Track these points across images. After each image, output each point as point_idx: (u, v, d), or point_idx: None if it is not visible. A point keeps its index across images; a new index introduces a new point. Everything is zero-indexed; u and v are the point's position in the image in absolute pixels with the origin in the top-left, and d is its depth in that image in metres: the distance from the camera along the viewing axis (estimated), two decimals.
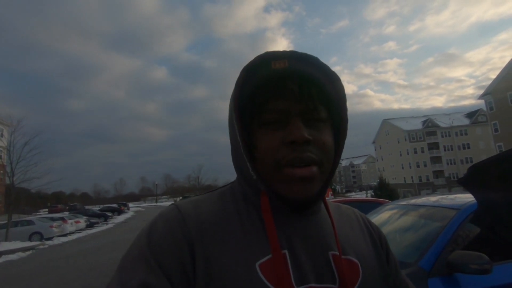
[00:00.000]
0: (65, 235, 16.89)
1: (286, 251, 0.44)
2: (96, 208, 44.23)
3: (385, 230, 2.76)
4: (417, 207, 2.76)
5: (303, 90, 0.45)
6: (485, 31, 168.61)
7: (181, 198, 62.71)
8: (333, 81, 0.48)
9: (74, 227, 18.79)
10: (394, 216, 2.83)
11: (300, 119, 0.44)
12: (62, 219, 18.01)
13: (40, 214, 30.50)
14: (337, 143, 0.50)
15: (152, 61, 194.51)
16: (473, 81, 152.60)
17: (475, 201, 2.18)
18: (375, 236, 0.57)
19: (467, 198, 2.33)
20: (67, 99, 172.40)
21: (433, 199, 2.84)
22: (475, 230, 2.04)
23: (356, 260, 0.49)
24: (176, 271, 0.41)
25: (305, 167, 0.43)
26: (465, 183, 0.74)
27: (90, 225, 22.38)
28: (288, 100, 0.44)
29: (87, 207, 45.84)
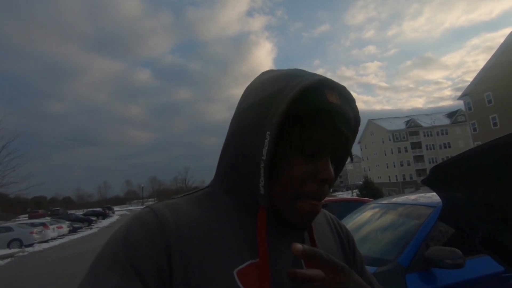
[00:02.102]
0: (46, 241, 16.30)
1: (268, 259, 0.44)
2: (79, 212, 43.00)
3: (367, 228, 2.83)
4: (397, 205, 2.85)
5: (345, 130, 0.46)
6: (458, 36, 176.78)
7: None
8: (358, 124, 0.50)
9: (56, 232, 18.17)
10: (376, 215, 2.91)
11: (329, 156, 0.46)
12: (43, 224, 17.39)
13: (19, 220, 29.30)
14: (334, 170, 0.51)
15: (135, 63, 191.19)
16: (450, 83, 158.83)
17: None
18: (343, 236, 0.60)
19: None
20: (47, 102, 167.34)
21: (412, 197, 2.94)
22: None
23: None
24: (153, 277, 0.40)
25: (319, 202, 0.46)
26: (429, 183, 0.78)
27: (73, 230, 21.72)
28: (331, 136, 0.45)
29: (70, 211, 44.51)
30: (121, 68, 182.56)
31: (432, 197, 2.57)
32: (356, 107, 0.49)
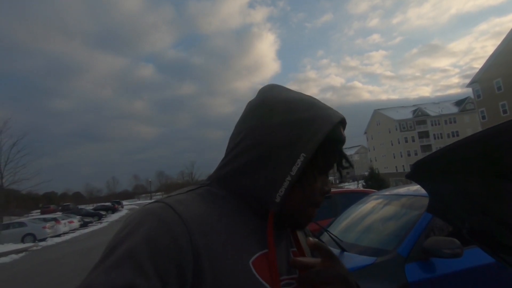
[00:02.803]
0: (58, 235, 16.78)
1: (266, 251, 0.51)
2: (89, 207, 43.82)
3: (368, 219, 2.86)
4: (398, 196, 2.87)
5: (347, 156, 0.59)
6: (465, 22, 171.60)
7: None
8: None
9: (67, 227, 18.65)
10: (377, 206, 2.94)
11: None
12: (55, 219, 17.83)
13: (32, 216, 30.11)
14: None
15: (138, 59, 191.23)
16: (457, 70, 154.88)
17: None
18: (306, 230, 0.69)
19: None
20: (53, 99, 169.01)
21: (413, 188, 2.95)
22: None
23: (305, 253, 0.59)
24: (173, 274, 0.40)
25: (317, 208, 0.56)
26: (413, 177, 0.81)
27: (84, 225, 22.22)
28: (337, 162, 0.58)
29: (80, 206, 45.33)
30: (124, 64, 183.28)
31: None
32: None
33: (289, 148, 0.50)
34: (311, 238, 0.54)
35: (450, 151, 0.68)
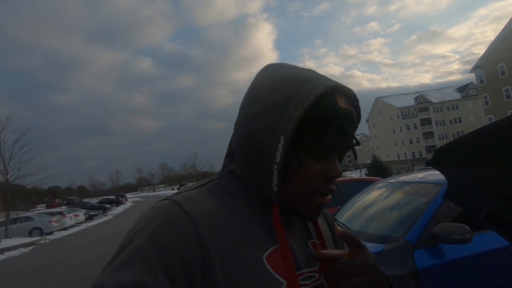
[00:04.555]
0: (65, 229, 17.02)
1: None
2: (94, 200, 44.29)
3: (375, 207, 2.87)
4: (404, 184, 2.86)
5: (351, 134, 0.48)
6: (464, 7, 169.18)
7: (178, 186, 62.99)
8: (359, 121, 0.53)
9: (73, 220, 18.90)
10: (384, 194, 2.94)
11: (336, 155, 0.49)
12: (61, 213, 18.06)
13: (38, 210, 30.48)
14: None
15: (136, 52, 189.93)
16: (457, 56, 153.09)
17: None
18: (329, 221, 0.65)
19: None
20: (54, 95, 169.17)
21: (419, 175, 2.94)
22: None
23: (327, 245, 0.55)
24: (181, 272, 0.39)
25: (328, 196, 0.49)
26: (433, 164, 0.80)
27: (89, 218, 22.51)
28: (341, 140, 0.47)
29: (84, 200, 45.89)
30: (123, 57, 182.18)
31: (440, 175, 2.58)
32: (359, 106, 0.51)
33: (270, 133, 0.46)
34: (339, 228, 0.50)
35: (473, 137, 0.67)
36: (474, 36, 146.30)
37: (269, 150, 0.46)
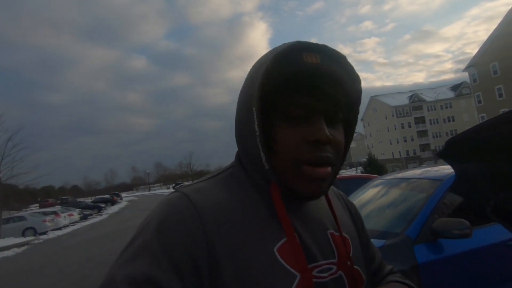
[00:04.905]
0: (59, 228, 16.80)
1: (296, 234, 0.46)
2: (88, 200, 43.90)
3: (374, 203, 2.88)
4: (403, 180, 2.88)
5: (331, 90, 0.44)
6: (457, 7, 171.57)
7: (174, 185, 62.73)
8: (356, 83, 0.48)
9: (67, 220, 18.68)
10: (382, 190, 2.95)
11: (323, 118, 0.44)
12: (55, 213, 17.84)
13: (31, 210, 30.07)
14: (346, 141, 0.51)
15: (130, 50, 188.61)
16: (450, 56, 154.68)
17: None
18: (353, 211, 0.63)
19: (450, 169, 2.44)
20: (46, 93, 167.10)
21: (418, 172, 2.96)
22: (458, 198, 2.17)
23: (347, 236, 0.54)
24: (187, 265, 0.39)
25: (323, 167, 0.44)
26: (444, 156, 0.80)
27: (84, 218, 22.28)
28: (315, 98, 0.44)
29: (78, 199, 45.40)
30: (116, 55, 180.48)
31: (439, 170, 2.59)
32: (348, 64, 0.47)
33: (245, 108, 0.46)
34: None
35: (483, 129, 0.66)
36: (467, 36, 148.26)
37: (249, 125, 0.45)
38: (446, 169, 2.48)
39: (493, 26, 29.17)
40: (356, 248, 0.55)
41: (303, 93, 0.44)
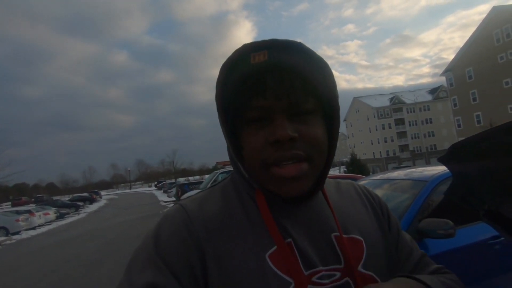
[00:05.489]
0: (33, 228, 16.05)
1: (290, 240, 0.45)
2: (65, 198, 42.29)
3: None
4: (388, 181, 2.95)
5: (284, 84, 0.42)
6: (434, 14, 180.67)
7: (156, 183, 61.53)
8: (320, 67, 0.45)
9: (43, 219, 17.89)
10: None
11: (285, 115, 0.42)
12: (29, 211, 17.03)
13: (2, 208, 28.57)
14: (331, 132, 0.47)
15: (111, 45, 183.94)
16: (428, 60, 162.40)
17: (441, 173, 2.38)
18: (376, 205, 0.57)
19: (433, 171, 2.53)
20: (22, 87, 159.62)
21: (403, 173, 3.04)
22: (441, 199, 2.24)
23: (359, 237, 0.49)
24: (184, 272, 0.41)
25: (293, 165, 0.42)
26: (444, 161, 0.81)
27: (60, 217, 21.43)
28: (269, 96, 0.42)
29: (54, 198, 43.70)
30: (97, 50, 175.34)
31: (423, 172, 2.68)
32: (305, 49, 0.43)
33: (219, 120, 0.46)
34: None
35: (485, 137, 0.67)
36: (443, 42, 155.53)
37: (224, 135, 0.46)
38: (430, 171, 2.57)
39: (467, 33, 30.81)
40: (373, 250, 0.49)
41: (255, 95, 0.42)
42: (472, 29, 30.39)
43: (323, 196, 0.51)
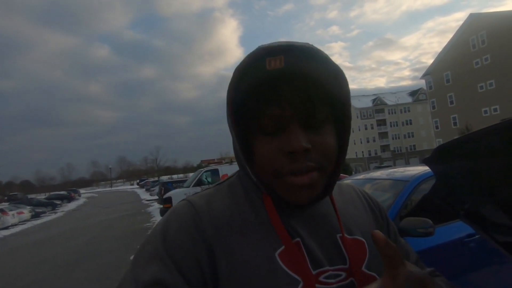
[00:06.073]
0: (6, 228, 15.37)
1: (299, 239, 0.45)
2: (41, 196, 40.62)
3: None
4: (370, 180, 3.01)
5: (300, 93, 0.41)
6: (414, 19, 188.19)
7: (138, 181, 60.12)
8: (336, 75, 0.44)
9: (16, 218, 17.14)
10: None
11: (299, 125, 0.42)
12: (2, 210, 16.27)
13: None
14: (341, 138, 0.47)
15: (91, 38, 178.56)
16: (408, 63, 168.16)
17: (422, 173, 2.45)
18: (375, 209, 0.58)
19: (414, 171, 2.60)
20: None
21: (385, 172, 3.11)
22: (421, 197, 2.31)
23: (362, 239, 0.50)
24: (191, 268, 0.40)
25: (305, 174, 0.42)
26: (429, 162, 0.82)
27: (36, 216, 20.58)
28: (284, 105, 0.41)
29: (30, 196, 41.80)
30: (76, 43, 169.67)
31: (404, 172, 2.75)
32: (321, 55, 0.42)
33: (228, 121, 0.46)
34: (376, 232, 0.36)
35: (472, 138, 0.68)
36: (422, 46, 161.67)
37: (233, 138, 0.46)
38: (411, 171, 2.64)
39: (444, 39, 32.32)
40: (374, 252, 0.50)
41: (269, 103, 0.42)
42: (449, 35, 31.83)
43: (329, 197, 0.52)
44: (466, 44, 29.54)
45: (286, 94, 0.41)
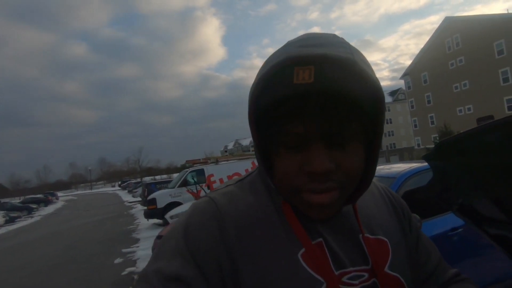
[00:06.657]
0: None
1: (321, 239, 0.45)
2: (15, 200, 38.69)
3: None
4: None
5: (328, 111, 0.37)
6: (392, 21, 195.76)
7: (119, 183, 58.52)
8: (373, 91, 0.38)
9: None
10: None
11: (322, 143, 0.39)
12: None
13: None
14: (371, 153, 0.44)
15: (68, 35, 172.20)
16: (387, 64, 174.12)
17: (408, 170, 2.53)
18: (398, 206, 0.56)
19: (400, 168, 2.68)
20: None
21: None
22: (409, 194, 2.38)
23: (385, 239, 0.50)
24: (210, 266, 0.40)
25: (325, 193, 0.40)
26: (429, 158, 0.84)
27: (10, 220, 19.58)
28: (309, 124, 0.38)
29: (3, 200, 39.69)
30: (52, 40, 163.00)
31: (391, 169, 2.83)
32: (357, 68, 0.36)
33: (250, 127, 0.44)
34: None
35: (470, 135, 0.71)
36: (400, 48, 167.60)
37: (254, 145, 0.46)
38: (397, 168, 2.72)
39: (421, 41, 33.44)
40: (398, 252, 0.50)
41: (294, 121, 0.38)
42: (425, 37, 33.17)
43: None
44: (442, 46, 30.79)
45: (313, 112, 0.37)
